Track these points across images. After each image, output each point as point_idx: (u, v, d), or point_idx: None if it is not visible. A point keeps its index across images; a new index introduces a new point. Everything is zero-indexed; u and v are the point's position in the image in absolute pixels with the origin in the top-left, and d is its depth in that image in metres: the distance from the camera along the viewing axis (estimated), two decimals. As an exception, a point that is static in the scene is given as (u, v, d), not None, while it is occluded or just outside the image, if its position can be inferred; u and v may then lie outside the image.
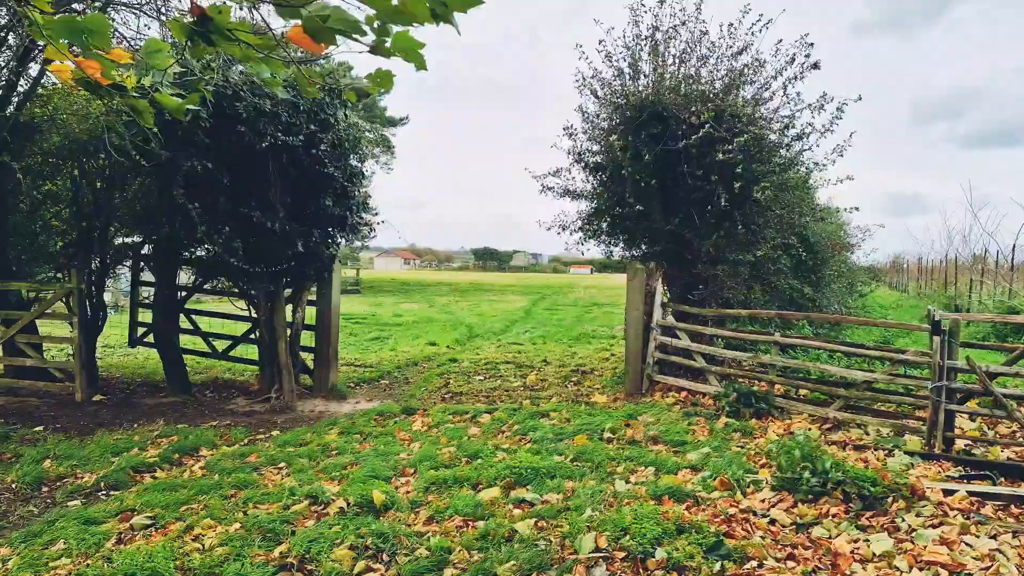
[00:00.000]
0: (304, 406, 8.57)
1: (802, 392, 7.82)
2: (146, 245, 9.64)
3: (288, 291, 8.98)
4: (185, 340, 10.37)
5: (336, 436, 6.84)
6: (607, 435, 6.51)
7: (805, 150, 8.06)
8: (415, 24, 2.01)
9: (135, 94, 2.52)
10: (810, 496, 4.69)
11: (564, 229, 9.64)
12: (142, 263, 10.05)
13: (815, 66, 7.78)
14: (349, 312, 20.17)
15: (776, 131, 8.11)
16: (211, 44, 2.18)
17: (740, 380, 7.80)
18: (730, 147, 7.50)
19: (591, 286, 40.10)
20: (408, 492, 4.92)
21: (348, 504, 4.48)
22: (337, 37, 2.10)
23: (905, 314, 19.40)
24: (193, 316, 10.18)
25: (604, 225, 9.42)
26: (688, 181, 7.97)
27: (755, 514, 4.55)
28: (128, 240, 9.96)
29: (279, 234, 7.77)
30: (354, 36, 2.09)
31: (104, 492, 5.29)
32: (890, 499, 4.59)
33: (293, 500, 4.60)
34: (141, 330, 10.34)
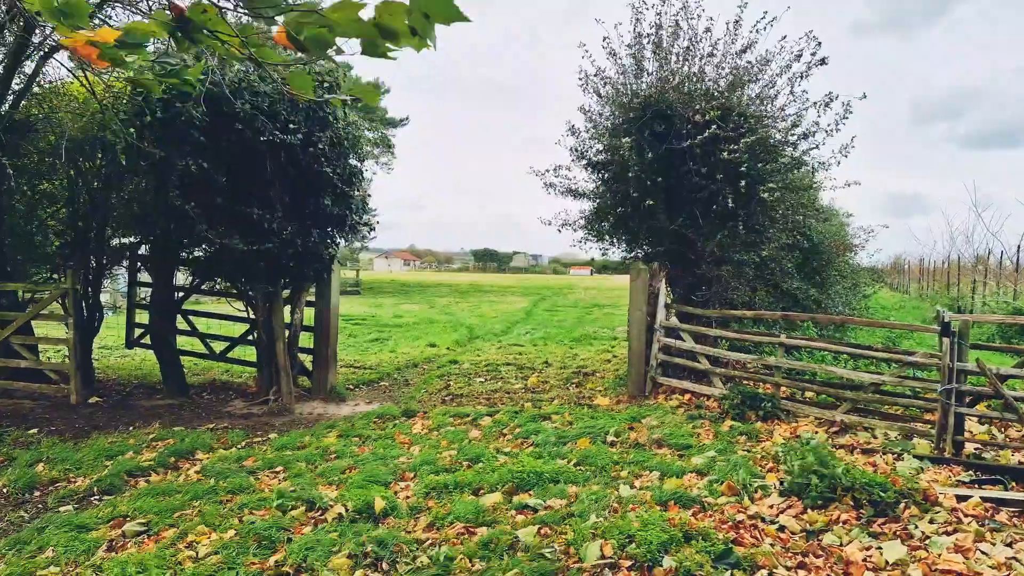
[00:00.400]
0: (302, 408, 8.46)
1: (808, 394, 7.70)
2: (143, 245, 9.53)
3: (286, 292, 8.88)
4: (183, 341, 10.26)
5: (335, 439, 6.73)
6: (610, 438, 6.39)
7: (812, 149, 7.96)
8: (392, 49, 1.87)
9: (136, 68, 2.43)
10: (819, 502, 4.57)
11: (565, 226, 9.54)
12: (139, 263, 9.94)
13: (822, 62, 7.67)
14: (348, 313, 20.06)
15: (782, 130, 8.01)
16: (194, 41, 2.12)
17: (745, 382, 7.69)
18: (736, 146, 7.40)
19: (591, 287, 39.99)
20: (408, 497, 4.80)
21: (347, 510, 4.37)
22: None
23: (907, 315, 19.30)
24: (191, 317, 10.07)
25: (606, 225, 9.32)
26: (693, 180, 7.87)
27: (763, 520, 4.44)
28: (125, 240, 9.85)
29: (277, 234, 7.65)
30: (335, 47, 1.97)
31: (97, 497, 5.18)
32: (902, 505, 4.48)
33: (290, 506, 4.49)
34: (139, 331, 10.23)
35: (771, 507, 4.65)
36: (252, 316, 8.96)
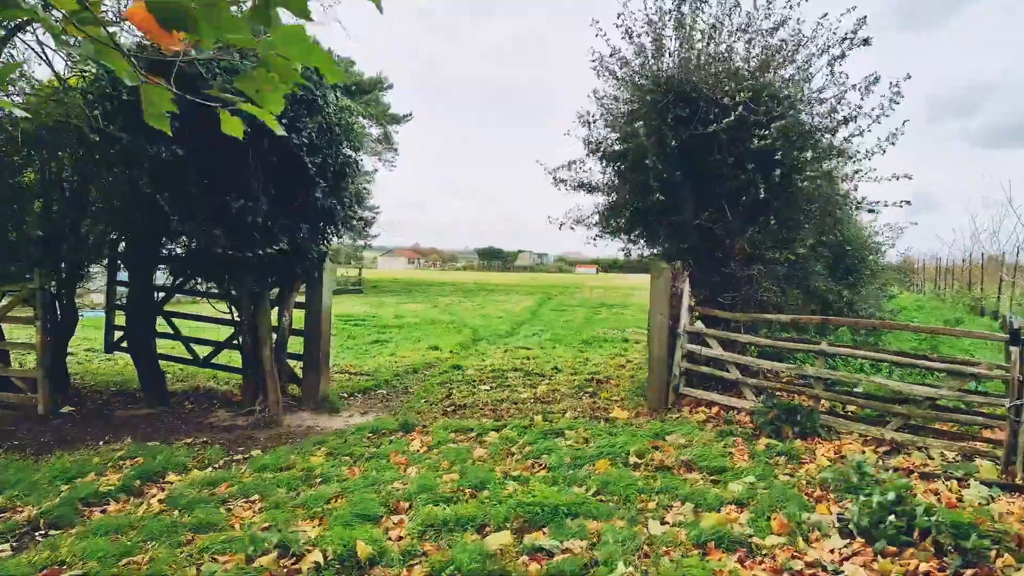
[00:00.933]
0: (291, 420, 7.75)
1: (850, 408, 6.94)
2: (123, 242, 8.82)
3: (275, 291, 8.16)
4: (167, 345, 9.58)
5: (323, 458, 6.01)
6: (633, 459, 5.65)
7: (855, 135, 7.14)
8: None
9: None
10: (892, 546, 3.84)
11: (578, 223, 8.78)
12: (119, 261, 9.23)
13: (866, 42, 6.90)
14: (348, 313, 19.38)
15: (819, 114, 7.23)
16: (7, 7, 1.79)
17: (779, 394, 6.94)
18: (768, 131, 6.64)
19: (597, 286, 39.20)
20: (400, 538, 4.08)
21: (326, 557, 3.65)
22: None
23: (929, 316, 18.47)
24: (173, 319, 9.36)
25: (623, 220, 8.54)
26: (720, 169, 7.11)
27: (825, 569, 3.72)
28: (105, 237, 9.14)
29: (261, 228, 6.93)
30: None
31: (43, 532, 4.46)
32: (993, 552, 3.74)
33: (259, 551, 3.77)
34: (119, 334, 9.53)
35: (832, 552, 3.91)
36: (237, 318, 8.25)
